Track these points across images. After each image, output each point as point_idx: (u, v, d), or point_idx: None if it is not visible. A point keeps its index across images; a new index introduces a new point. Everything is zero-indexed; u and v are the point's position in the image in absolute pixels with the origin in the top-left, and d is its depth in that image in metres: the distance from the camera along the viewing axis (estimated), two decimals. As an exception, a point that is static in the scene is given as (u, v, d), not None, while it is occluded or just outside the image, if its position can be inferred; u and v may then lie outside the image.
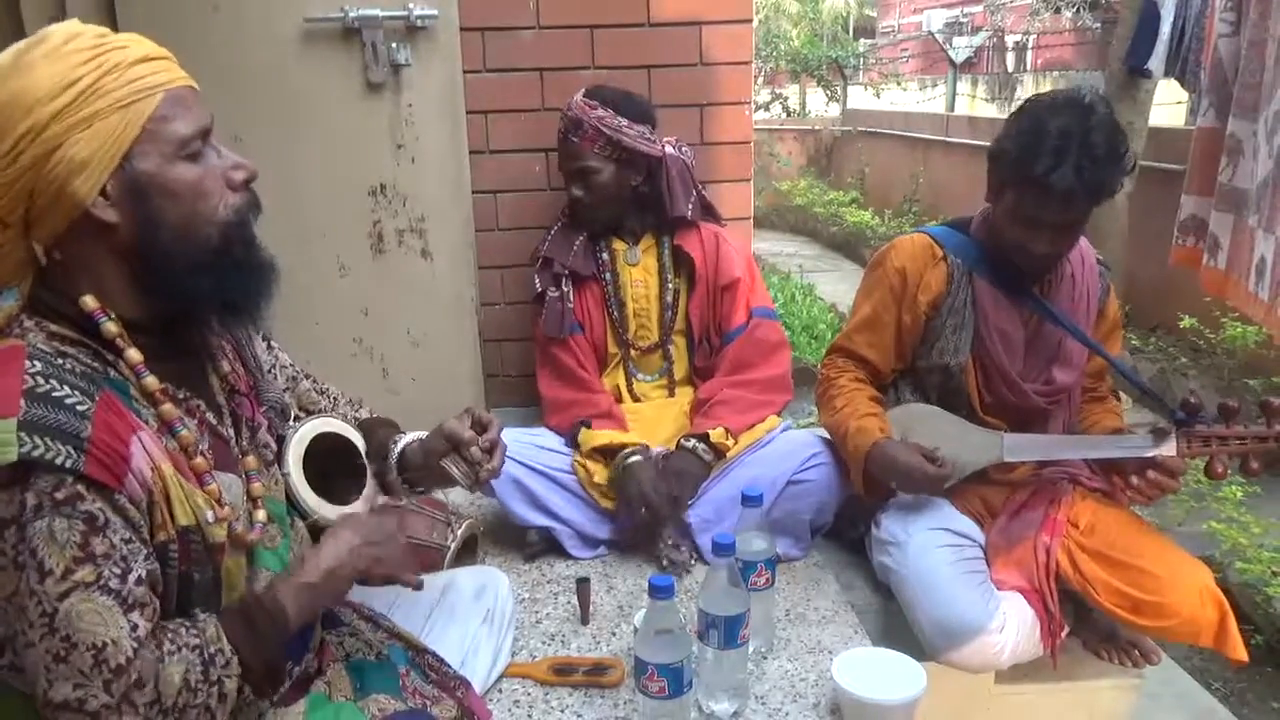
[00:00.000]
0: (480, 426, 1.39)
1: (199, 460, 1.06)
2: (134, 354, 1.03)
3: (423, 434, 1.42)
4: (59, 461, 0.92)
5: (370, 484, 1.42)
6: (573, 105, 2.10)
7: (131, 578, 0.95)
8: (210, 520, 1.05)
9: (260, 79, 2.32)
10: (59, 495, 0.93)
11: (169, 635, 0.98)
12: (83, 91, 0.96)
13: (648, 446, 2.02)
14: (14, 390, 0.93)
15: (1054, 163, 1.62)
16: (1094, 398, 2.00)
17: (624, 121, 2.07)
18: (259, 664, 1.03)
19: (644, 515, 1.94)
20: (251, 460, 1.16)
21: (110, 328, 1.02)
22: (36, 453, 0.91)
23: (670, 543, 1.98)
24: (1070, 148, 1.62)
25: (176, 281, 1.04)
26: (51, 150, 0.95)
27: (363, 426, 1.46)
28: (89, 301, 1.02)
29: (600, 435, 2.03)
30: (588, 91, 2.11)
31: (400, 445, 1.41)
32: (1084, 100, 1.69)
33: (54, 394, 0.94)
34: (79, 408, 0.95)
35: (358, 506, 1.38)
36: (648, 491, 1.93)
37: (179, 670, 0.96)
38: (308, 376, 1.45)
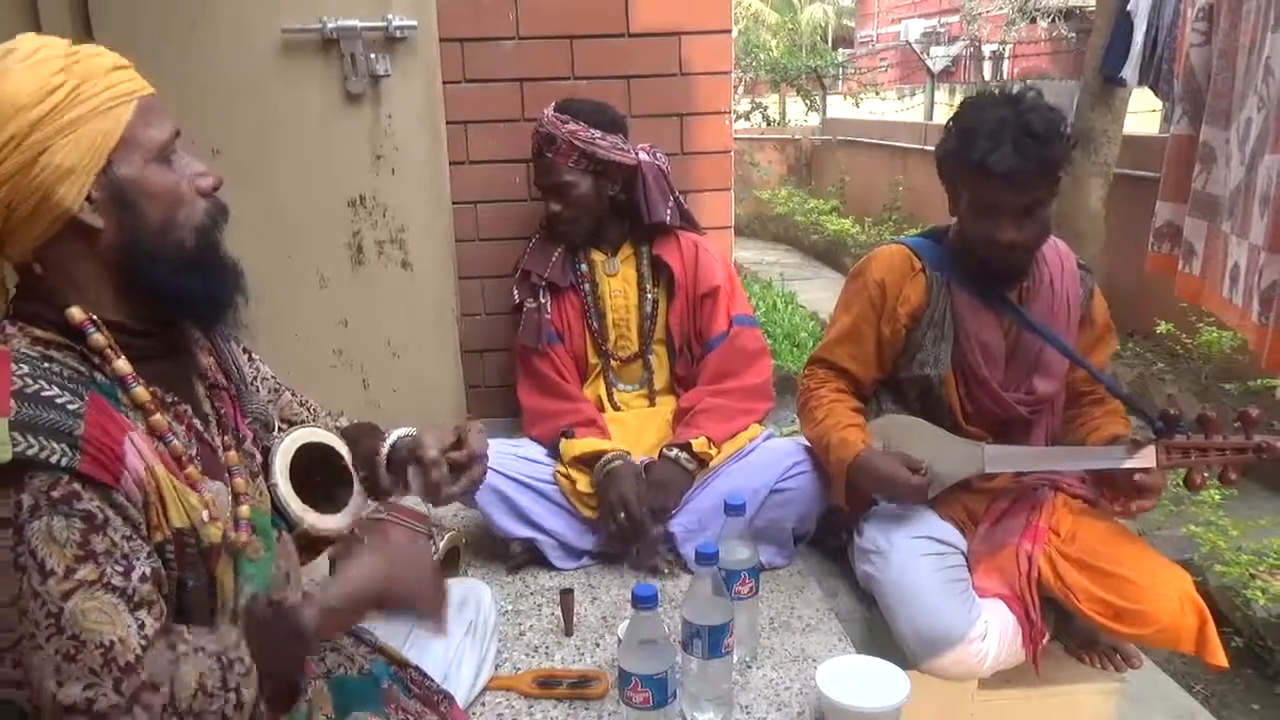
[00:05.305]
0: (458, 445, 1.35)
1: (191, 470, 1.06)
2: (123, 365, 1.03)
3: (413, 430, 1.41)
4: (54, 460, 0.91)
5: (358, 491, 1.41)
6: (544, 121, 2.10)
7: (135, 575, 0.94)
8: (205, 520, 1.04)
9: (238, 91, 2.31)
10: (55, 494, 0.92)
11: (184, 636, 0.97)
12: (64, 98, 0.96)
13: (629, 453, 2.02)
14: (3, 391, 0.92)
15: (992, 145, 1.65)
16: (1094, 400, 1.98)
17: (597, 133, 2.07)
18: (277, 678, 1.03)
19: (623, 521, 1.93)
20: (234, 456, 1.16)
21: (98, 339, 1.02)
22: (31, 451, 0.90)
23: (650, 543, 1.98)
24: (1005, 131, 1.66)
25: (160, 283, 1.05)
26: (35, 157, 0.95)
27: (345, 434, 1.45)
28: (76, 313, 1.01)
29: (581, 444, 2.02)
30: (558, 106, 2.11)
31: (390, 440, 1.41)
32: (1013, 91, 1.74)
33: (44, 394, 0.94)
34: (70, 406, 0.95)
35: (347, 514, 1.37)
36: (629, 497, 1.93)
37: (194, 673, 0.94)
38: (289, 389, 1.44)
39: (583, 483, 2.01)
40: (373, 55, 2.31)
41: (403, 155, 2.42)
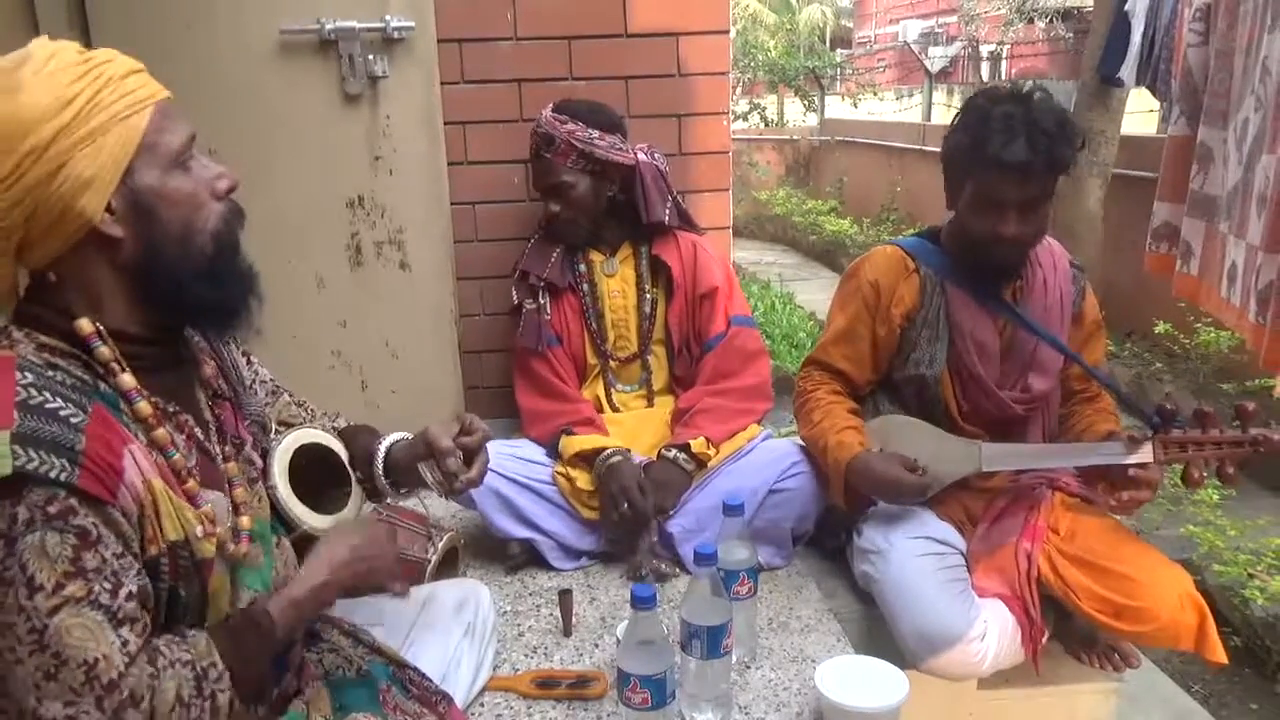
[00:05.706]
0: (465, 433, 1.38)
1: (191, 484, 1.06)
2: (127, 379, 1.02)
3: (409, 435, 1.43)
4: (53, 475, 0.91)
5: (356, 491, 1.42)
6: (542, 121, 2.10)
7: (122, 593, 0.94)
8: (199, 535, 1.04)
9: (236, 92, 2.31)
10: (51, 509, 0.91)
11: (161, 651, 0.97)
12: (83, 107, 0.95)
13: (629, 450, 2.02)
14: (7, 402, 0.92)
15: (1006, 139, 1.66)
16: (1085, 398, 1.99)
17: (595, 134, 2.07)
18: (248, 677, 1.03)
19: (626, 511, 1.93)
20: (233, 467, 1.15)
21: (104, 352, 1.01)
22: (31, 465, 0.90)
23: (648, 547, 1.98)
24: (1018, 126, 1.67)
25: (178, 292, 1.05)
26: (57, 169, 0.95)
27: (342, 435, 1.46)
28: (85, 325, 1.00)
29: (581, 440, 2.02)
30: (556, 106, 2.11)
31: (386, 445, 1.42)
32: (1023, 89, 1.75)
33: (47, 406, 0.93)
34: (72, 420, 0.94)
35: (347, 515, 1.38)
36: (629, 485, 1.93)
37: (172, 686, 0.95)
38: (287, 391, 1.44)
39: (582, 480, 2.01)
40: (371, 56, 2.31)
41: (401, 156, 2.42)
